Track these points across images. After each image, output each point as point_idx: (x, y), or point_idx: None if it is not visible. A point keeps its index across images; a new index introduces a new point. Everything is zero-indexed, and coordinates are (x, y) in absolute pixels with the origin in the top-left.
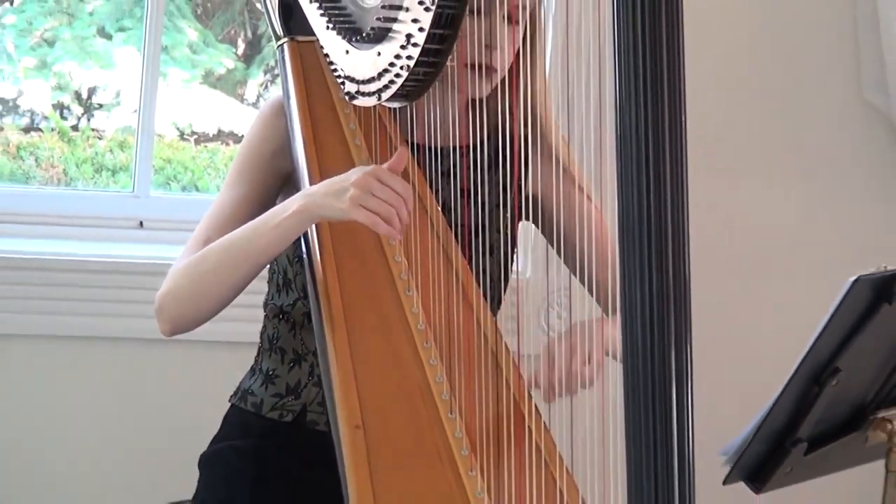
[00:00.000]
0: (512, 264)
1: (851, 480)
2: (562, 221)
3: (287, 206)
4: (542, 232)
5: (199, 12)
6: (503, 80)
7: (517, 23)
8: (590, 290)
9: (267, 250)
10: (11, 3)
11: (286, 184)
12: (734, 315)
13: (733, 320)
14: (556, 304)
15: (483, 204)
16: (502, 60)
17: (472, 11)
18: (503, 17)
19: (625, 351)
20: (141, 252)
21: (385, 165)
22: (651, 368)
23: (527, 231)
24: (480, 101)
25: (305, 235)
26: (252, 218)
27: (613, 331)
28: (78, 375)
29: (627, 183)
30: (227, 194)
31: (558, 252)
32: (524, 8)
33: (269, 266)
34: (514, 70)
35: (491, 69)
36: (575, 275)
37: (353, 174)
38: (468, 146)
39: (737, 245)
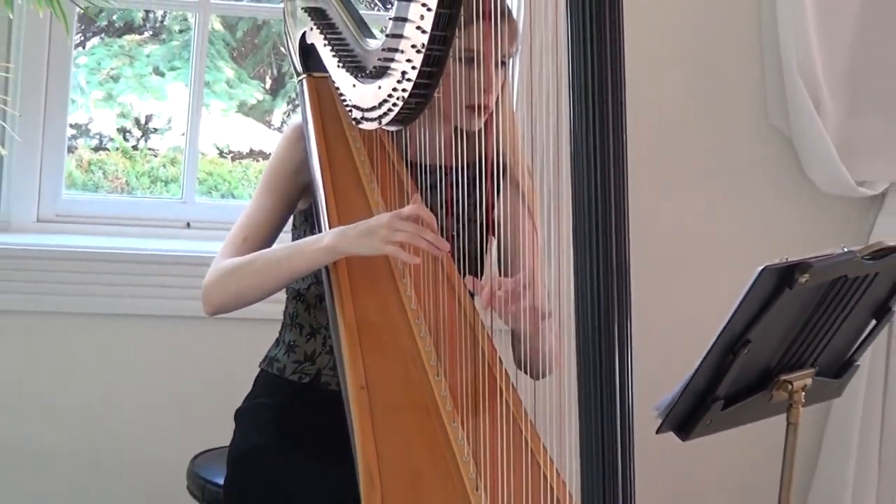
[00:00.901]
0: (483, 267)
1: (760, 432)
2: (509, 243)
3: (320, 239)
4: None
5: (234, 55)
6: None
7: (503, 64)
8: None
9: (298, 271)
10: (84, 47)
11: (305, 192)
12: (666, 298)
13: (665, 302)
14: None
15: (460, 216)
16: (491, 101)
17: (468, 61)
18: (497, 63)
19: (577, 326)
20: (188, 247)
21: (403, 212)
22: (598, 340)
23: None
24: (462, 132)
25: (319, 230)
26: (277, 221)
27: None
28: (137, 346)
29: (580, 193)
30: (257, 202)
31: (499, 264)
32: (504, 55)
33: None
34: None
35: (487, 108)
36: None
37: (378, 219)
38: (450, 167)
39: (668, 241)
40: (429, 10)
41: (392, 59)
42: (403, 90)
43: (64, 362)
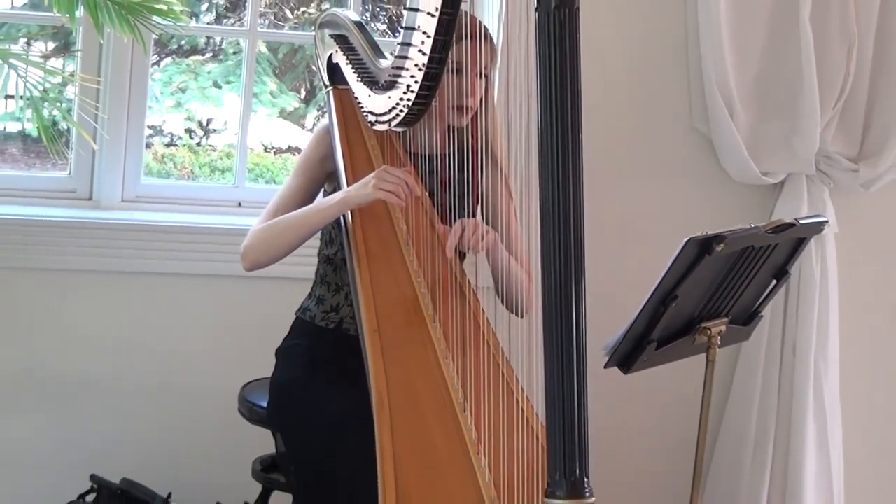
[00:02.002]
0: None
1: (686, 367)
2: (489, 211)
3: (332, 198)
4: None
5: (276, 72)
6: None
7: (483, 76)
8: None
9: (315, 225)
10: (159, 65)
11: (329, 178)
12: (613, 261)
13: (612, 265)
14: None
15: (454, 192)
16: (475, 103)
17: (457, 72)
18: (476, 74)
19: (542, 282)
20: (239, 222)
21: (389, 168)
22: (559, 294)
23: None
24: (453, 127)
25: (343, 216)
26: (304, 198)
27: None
28: (197, 300)
29: (545, 177)
30: (288, 183)
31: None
32: (485, 68)
33: (321, 230)
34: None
35: (470, 108)
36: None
37: (371, 174)
38: (444, 155)
39: (614, 217)
40: (428, 37)
41: (399, 75)
42: (408, 99)
43: (140, 313)
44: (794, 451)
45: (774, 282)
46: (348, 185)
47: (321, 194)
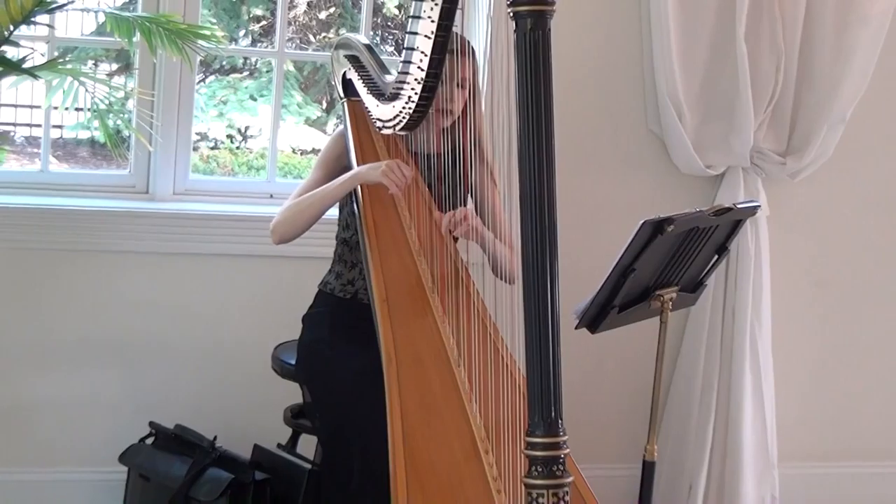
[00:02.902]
0: None
1: (643, 328)
2: (478, 199)
3: (344, 175)
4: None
5: (302, 86)
6: (459, 119)
7: (463, 87)
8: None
9: (332, 197)
10: (204, 82)
11: (342, 172)
12: (581, 241)
13: (580, 243)
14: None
15: (449, 184)
16: (456, 108)
17: (442, 82)
18: (457, 84)
19: (522, 257)
20: (271, 211)
21: (396, 162)
22: (537, 268)
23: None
24: (446, 129)
25: (356, 200)
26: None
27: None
28: (236, 276)
29: (524, 172)
30: (310, 176)
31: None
32: (466, 79)
33: (339, 217)
34: (464, 112)
35: (450, 112)
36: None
37: (383, 162)
38: (440, 153)
39: (582, 203)
40: (425, 56)
41: (401, 88)
42: (409, 108)
43: (188, 287)
44: (734, 395)
45: (716, 256)
46: None
47: None
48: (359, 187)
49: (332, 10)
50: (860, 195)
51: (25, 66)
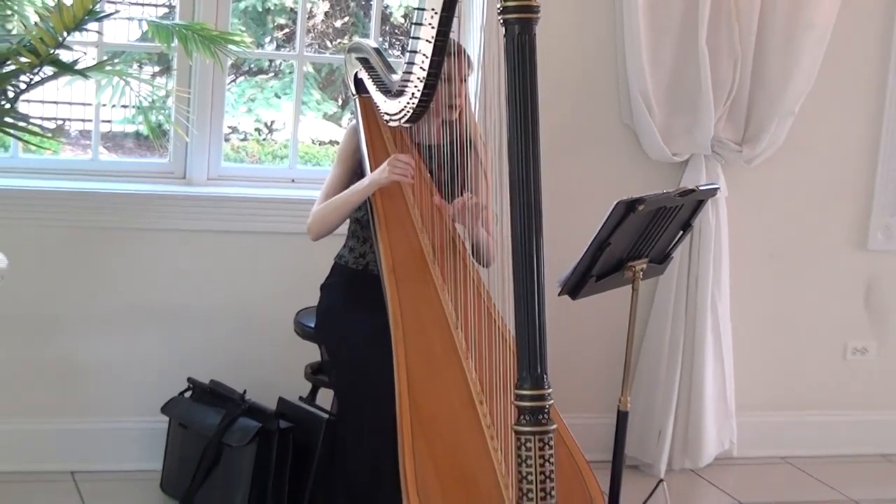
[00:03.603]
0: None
1: (617, 295)
2: (472, 186)
3: (362, 182)
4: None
5: (320, 85)
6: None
7: (464, 81)
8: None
9: (354, 203)
10: (235, 81)
11: (359, 164)
12: (563, 218)
13: (563, 221)
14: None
15: (448, 171)
16: (461, 101)
17: (448, 80)
18: (461, 80)
19: (512, 233)
20: (293, 194)
21: (398, 156)
22: (525, 243)
23: None
24: (446, 123)
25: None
26: (344, 183)
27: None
28: (262, 252)
29: (513, 160)
30: (332, 173)
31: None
32: (465, 78)
33: None
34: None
35: (457, 106)
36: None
37: (385, 163)
38: (440, 144)
39: (565, 188)
40: (426, 57)
41: (406, 86)
42: (413, 103)
43: (221, 260)
44: (697, 353)
45: (681, 232)
46: (371, 166)
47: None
48: (367, 165)
49: (346, 19)
50: (806, 178)
51: (78, 67)
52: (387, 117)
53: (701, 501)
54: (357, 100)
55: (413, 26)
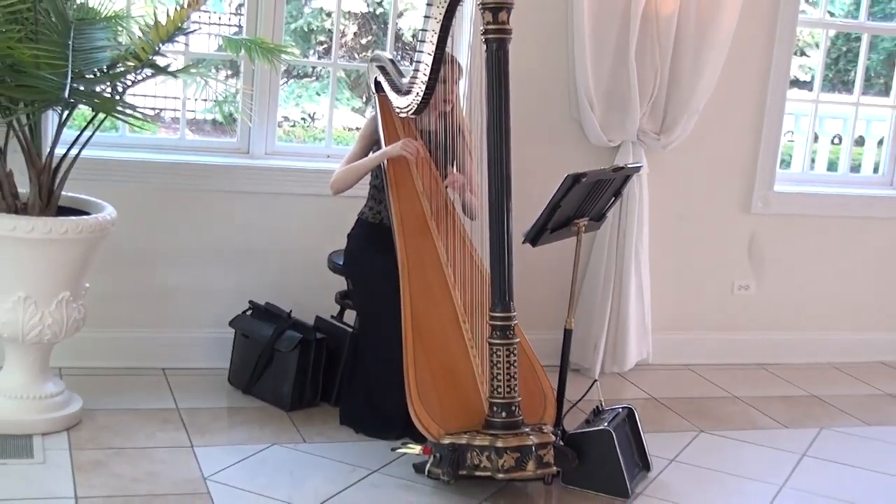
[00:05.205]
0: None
1: (566, 244)
2: (461, 164)
3: (376, 153)
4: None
5: (350, 86)
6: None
7: (456, 83)
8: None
9: (367, 168)
10: (286, 83)
11: (375, 143)
12: (528, 190)
13: (528, 191)
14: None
15: (444, 153)
16: (453, 98)
17: (444, 83)
18: (455, 82)
19: (489, 196)
20: (328, 166)
21: (409, 139)
22: (497, 205)
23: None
24: (442, 115)
25: (382, 161)
26: (360, 157)
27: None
28: (305, 208)
29: (490, 143)
30: (353, 147)
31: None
32: (457, 81)
33: (371, 171)
34: (453, 106)
35: (451, 103)
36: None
37: (401, 141)
38: (438, 131)
39: (528, 168)
40: (427, 66)
41: (412, 87)
42: (417, 100)
43: (275, 214)
44: (624, 286)
45: (614, 198)
46: (385, 144)
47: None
48: (384, 145)
49: (369, 37)
50: (706, 159)
51: (170, 70)
52: (398, 110)
53: (625, 396)
54: (376, 97)
55: (419, 43)
